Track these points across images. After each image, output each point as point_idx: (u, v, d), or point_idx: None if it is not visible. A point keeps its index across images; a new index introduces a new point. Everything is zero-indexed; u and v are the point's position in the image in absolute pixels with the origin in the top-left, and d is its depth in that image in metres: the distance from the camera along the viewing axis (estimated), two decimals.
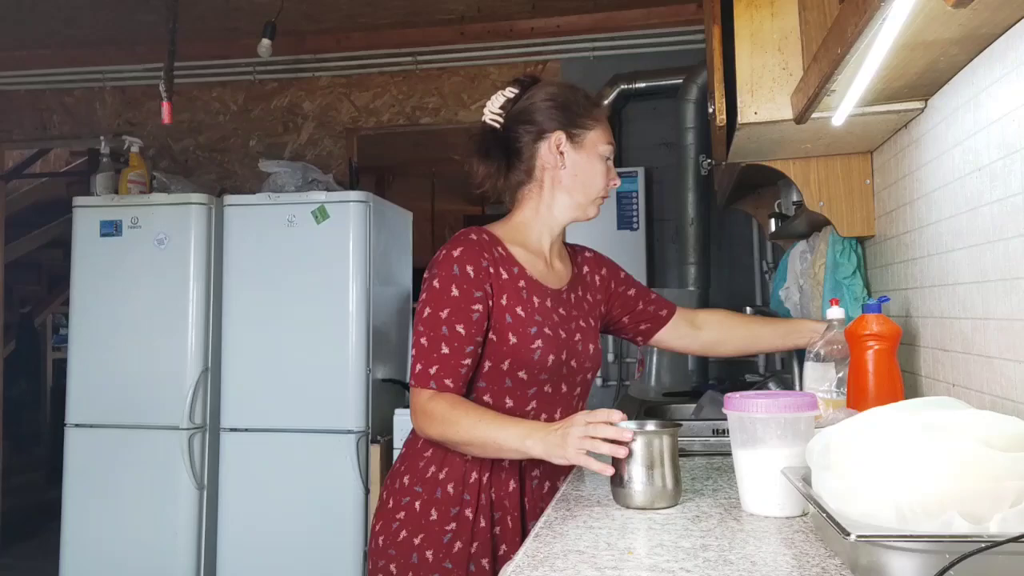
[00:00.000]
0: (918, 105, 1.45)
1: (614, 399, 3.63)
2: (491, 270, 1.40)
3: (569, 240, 1.65)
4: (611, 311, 1.66)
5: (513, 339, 1.39)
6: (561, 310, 1.49)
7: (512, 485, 1.42)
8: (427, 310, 1.38)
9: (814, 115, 1.38)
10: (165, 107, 3.13)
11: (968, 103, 1.25)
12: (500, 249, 1.45)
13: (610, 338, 3.66)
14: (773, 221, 2.47)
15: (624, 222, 3.53)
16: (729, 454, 1.21)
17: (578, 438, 1.18)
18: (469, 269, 1.38)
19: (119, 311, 3.23)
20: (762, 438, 1.13)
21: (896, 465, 0.82)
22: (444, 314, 1.36)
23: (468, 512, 1.38)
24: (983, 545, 0.72)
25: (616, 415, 1.19)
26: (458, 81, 3.92)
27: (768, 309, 2.79)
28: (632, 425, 1.26)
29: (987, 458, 0.79)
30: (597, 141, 1.49)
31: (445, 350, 1.35)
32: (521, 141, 1.48)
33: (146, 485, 3.16)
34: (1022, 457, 0.79)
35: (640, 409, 2.41)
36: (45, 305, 6.53)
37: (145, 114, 4.16)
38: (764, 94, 1.51)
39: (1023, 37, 1.05)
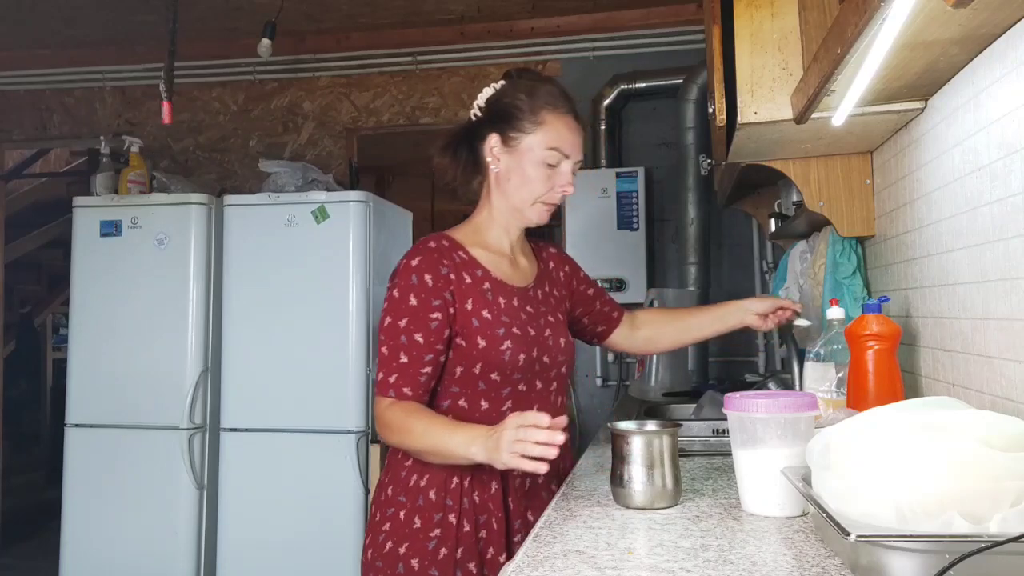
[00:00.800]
0: (918, 105, 1.45)
1: (614, 399, 3.63)
2: (451, 276, 1.41)
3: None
4: (573, 309, 1.67)
5: (482, 342, 1.39)
6: (528, 307, 1.49)
7: (495, 486, 1.41)
8: (387, 320, 1.40)
9: (814, 115, 1.38)
10: (165, 107, 3.13)
11: (968, 103, 1.25)
12: (461, 253, 1.46)
13: None
14: (773, 221, 2.47)
15: (624, 222, 3.53)
16: (729, 454, 1.21)
17: (509, 442, 1.18)
18: (427, 278, 1.40)
19: (119, 311, 3.23)
20: (762, 438, 1.13)
21: (896, 465, 0.82)
22: (403, 323, 1.38)
23: (451, 517, 1.38)
24: (983, 545, 0.72)
25: (544, 419, 1.18)
26: (458, 81, 3.92)
27: None
28: (632, 425, 1.26)
29: (987, 458, 0.79)
30: (536, 146, 1.45)
31: (404, 359, 1.37)
32: (476, 139, 1.50)
33: (146, 485, 3.16)
34: (1022, 457, 0.79)
35: (640, 409, 2.41)
36: (45, 305, 6.52)
37: (145, 114, 4.16)
38: (764, 94, 1.51)
39: (1023, 37, 1.05)
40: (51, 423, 6.19)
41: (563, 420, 1.19)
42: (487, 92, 1.52)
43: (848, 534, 0.76)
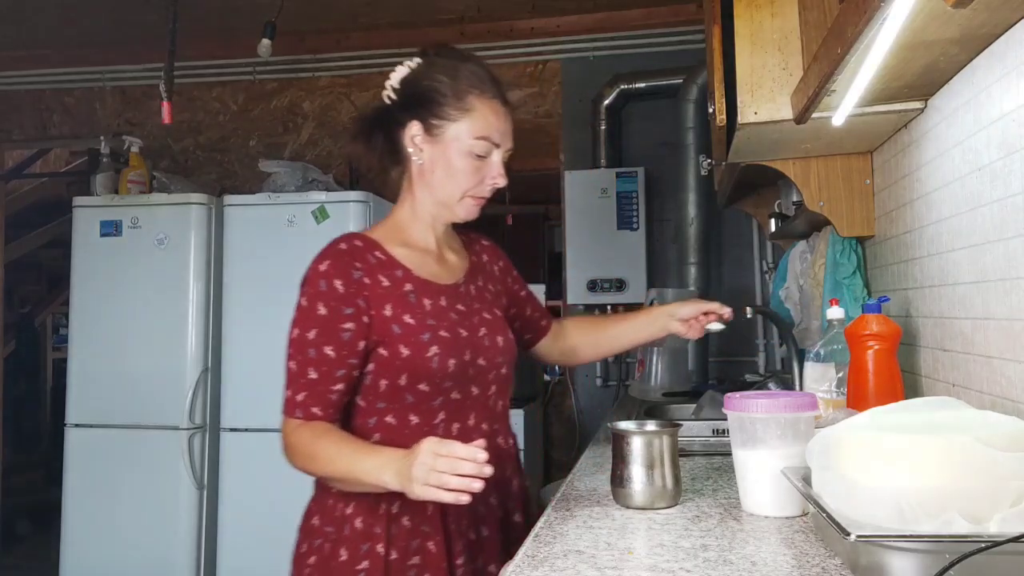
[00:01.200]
0: (918, 105, 1.45)
1: (614, 399, 3.63)
2: (366, 280, 1.27)
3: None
4: (508, 309, 1.51)
5: (405, 351, 1.25)
6: (459, 306, 1.35)
7: (431, 507, 1.25)
8: (295, 331, 1.26)
9: (814, 115, 1.38)
10: (165, 107, 3.13)
11: (968, 103, 1.25)
12: (377, 254, 1.31)
13: None
14: (773, 221, 2.47)
15: (624, 222, 3.53)
16: (729, 454, 1.21)
17: (424, 472, 1.05)
18: (337, 284, 1.25)
19: (119, 311, 3.23)
20: (762, 438, 1.13)
21: (896, 465, 0.82)
22: (312, 335, 1.24)
23: (379, 547, 1.24)
24: (983, 545, 0.72)
25: (463, 449, 1.05)
26: None
27: (768, 309, 2.79)
28: (632, 425, 1.26)
29: (987, 458, 0.79)
30: (463, 134, 1.30)
31: (313, 375, 1.23)
32: (393, 124, 1.35)
33: (146, 485, 3.16)
34: (1022, 457, 0.79)
35: (640, 409, 2.41)
36: (45, 305, 6.52)
37: (145, 114, 4.16)
38: (764, 94, 1.51)
39: (1023, 37, 1.05)
40: (51, 423, 6.19)
41: (482, 442, 1.06)
42: (401, 71, 1.36)
43: (848, 534, 0.76)
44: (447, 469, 1.04)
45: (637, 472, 1.18)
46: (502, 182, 1.34)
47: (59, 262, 5.97)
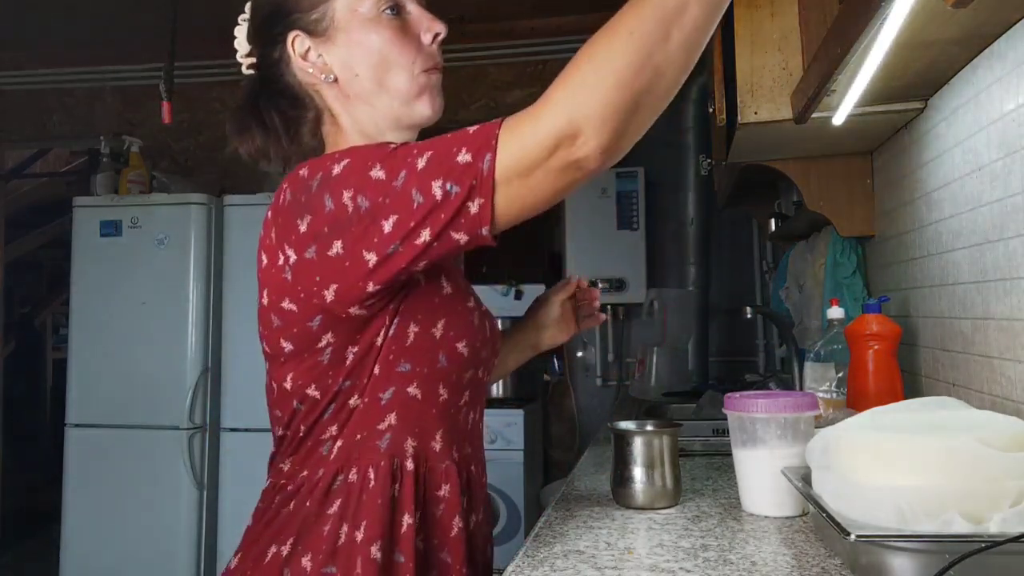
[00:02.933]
0: (918, 105, 1.45)
1: (614, 399, 3.63)
2: None
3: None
4: None
5: (448, 287, 0.94)
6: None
7: (454, 528, 0.95)
8: (368, 181, 0.81)
9: (814, 115, 1.38)
10: (165, 107, 3.13)
11: (968, 103, 1.25)
12: None
13: (610, 337, 3.67)
14: (773, 221, 2.47)
15: (624, 222, 3.53)
16: (729, 454, 1.21)
17: None
18: (377, 160, 0.83)
19: (119, 311, 3.23)
20: (762, 438, 1.13)
21: (896, 465, 0.82)
22: (402, 177, 0.80)
23: None
24: (983, 545, 0.72)
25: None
26: (458, 81, 3.92)
27: (768, 309, 2.79)
28: (632, 425, 1.26)
29: (987, 458, 0.79)
30: (353, 4, 0.96)
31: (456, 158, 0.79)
32: (273, 72, 1.01)
33: (146, 485, 3.16)
34: (1022, 457, 0.79)
35: (640, 409, 2.41)
36: (45, 305, 6.53)
37: (145, 114, 4.16)
38: (764, 94, 1.51)
39: (1023, 37, 1.05)
40: (51, 423, 6.19)
41: None
42: (241, 28, 1.07)
43: (848, 534, 0.76)
44: None
45: (637, 472, 1.18)
46: (439, 27, 0.99)
47: (59, 262, 5.97)
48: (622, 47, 0.76)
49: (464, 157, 0.78)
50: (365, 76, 0.97)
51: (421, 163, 0.80)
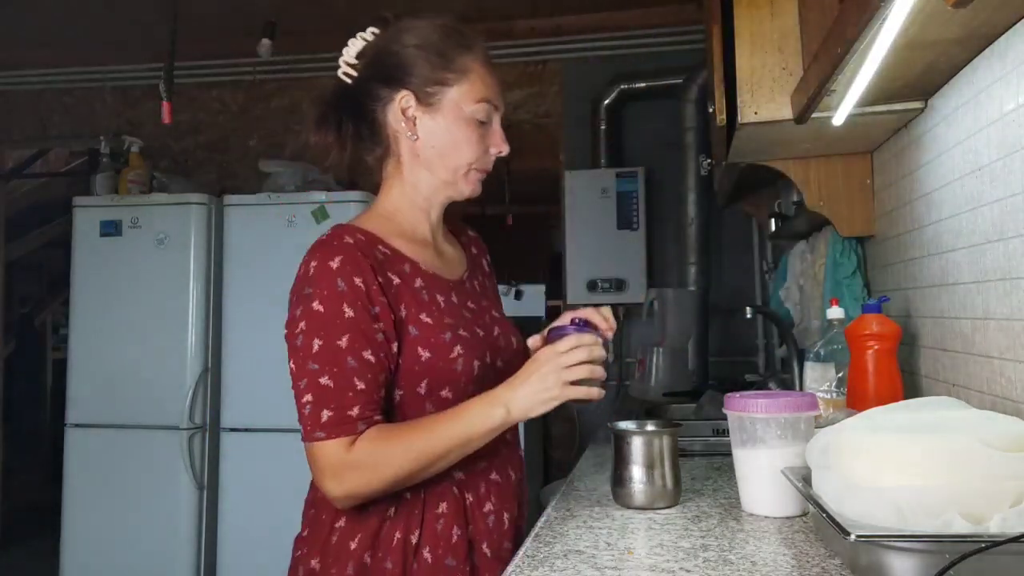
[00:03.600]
0: (918, 105, 1.45)
1: (614, 399, 3.63)
2: (379, 279, 1.10)
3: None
4: None
5: (426, 353, 1.10)
6: (469, 303, 1.22)
7: (456, 534, 1.11)
8: (316, 343, 1.06)
9: (814, 115, 1.38)
10: (165, 107, 3.13)
11: (968, 103, 1.25)
12: (382, 248, 1.15)
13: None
14: (773, 221, 2.47)
15: (624, 222, 3.53)
16: (729, 454, 1.21)
17: (560, 372, 1.05)
18: (357, 281, 1.08)
19: (119, 311, 3.23)
20: (762, 438, 1.13)
21: (896, 465, 0.82)
22: (344, 342, 1.05)
23: None
24: (983, 545, 0.72)
25: (587, 336, 1.06)
26: None
27: (768, 309, 2.79)
28: (632, 425, 1.26)
29: (987, 458, 0.79)
30: (462, 100, 1.16)
31: (360, 385, 1.05)
32: (369, 102, 1.19)
33: (146, 485, 3.16)
34: (1022, 457, 0.79)
35: (640, 409, 2.41)
36: (45, 305, 6.53)
37: (145, 114, 4.16)
38: (764, 94, 1.51)
39: (1023, 37, 1.05)
40: (51, 423, 6.19)
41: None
42: (357, 44, 1.22)
43: (848, 534, 0.76)
44: (585, 358, 1.05)
45: (637, 472, 1.18)
46: (506, 149, 1.21)
47: (59, 262, 5.98)
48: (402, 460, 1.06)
49: (326, 414, 1.06)
50: (438, 150, 1.18)
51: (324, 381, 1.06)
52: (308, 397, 1.06)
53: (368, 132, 1.20)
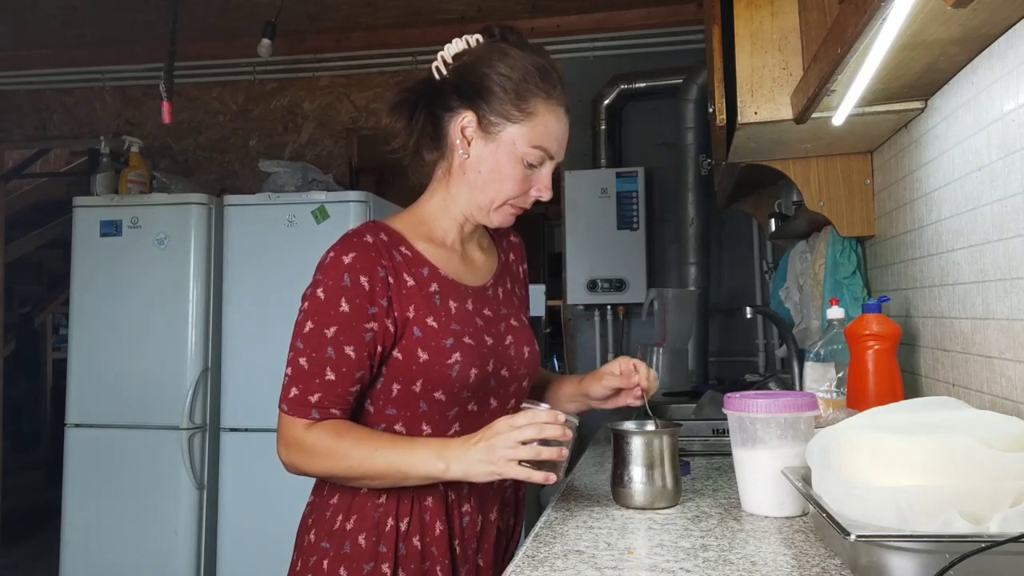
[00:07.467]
0: (918, 105, 1.45)
1: None
2: (390, 279, 1.16)
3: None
4: None
5: (424, 355, 1.15)
6: (487, 311, 1.25)
7: (439, 528, 1.18)
8: (309, 325, 1.15)
9: (814, 115, 1.38)
10: (165, 107, 3.13)
11: (968, 103, 1.25)
12: (403, 249, 1.21)
13: (610, 337, 3.67)
14: (773, 221, 2.47)
15: (624, 222, 3.53)
16: (729, 454, 1.21)
17: (507, 445, 1.04)
18: (363, 280, 1.14)
19: (119, 311, 3.23)
20: (762, 438, 1.13)
21: (896, 465, 0.82)
22: (331, 332, 1.13)
23: (385, 568, 1.14)
24: (983, 545, 0.72)
25: (550, 414, 1.05)
26: None
27: (768, 309, 2.79)
28: (632, 425, 1.26)
29: (987, 458, 0.79)
30: (519, 139, 1.19)
31: (331, 376, 1.13)
32: (442, 105, 1.22)
33: (146, 485, 3.16)
34: (1022, 457, 0.79)
35: (640, 409, 2.41)
36: (45, 305, 6.53)
37: (145, 114, 4.16)
38: (764, 94, 1.51)
39: (1023, 37, 1.05)
40: (51, 423, 6.19)
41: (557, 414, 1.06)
42: (459, 44, 1.25)
43: (848, 534, 0.76)
44: (534, 435, 1.03)
45: (637, 472, 1.18)
46: (547, 196, 1.23)
47: (59, 262, 5.98)
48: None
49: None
50: (483, 176, 1.21)
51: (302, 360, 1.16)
52: (288, 370, 1.17)
53: (432, 131, 1.23)
